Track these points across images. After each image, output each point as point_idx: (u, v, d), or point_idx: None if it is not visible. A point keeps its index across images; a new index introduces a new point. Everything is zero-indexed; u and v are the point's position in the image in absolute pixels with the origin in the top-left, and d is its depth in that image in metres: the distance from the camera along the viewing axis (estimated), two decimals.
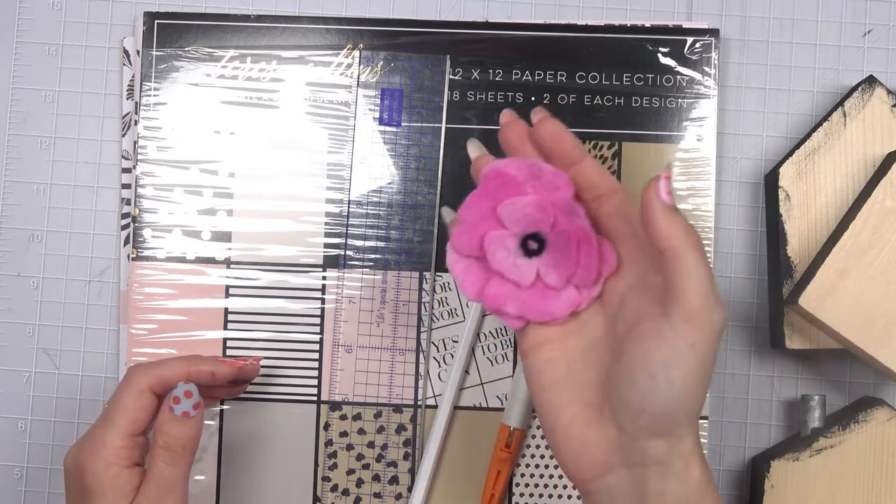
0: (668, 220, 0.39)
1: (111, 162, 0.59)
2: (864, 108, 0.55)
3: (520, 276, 0.44)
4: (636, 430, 0.40)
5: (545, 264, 0.44)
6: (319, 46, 0.57)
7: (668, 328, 0.39)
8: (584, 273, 0.43)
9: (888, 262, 0.52)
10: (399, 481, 0.56)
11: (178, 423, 0.48)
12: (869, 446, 0.54)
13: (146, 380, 0.49)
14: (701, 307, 0.39)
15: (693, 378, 0.39)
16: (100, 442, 0.48)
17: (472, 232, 0.44)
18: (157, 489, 0.47)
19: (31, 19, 0.59)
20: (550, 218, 0.43)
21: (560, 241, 0.43)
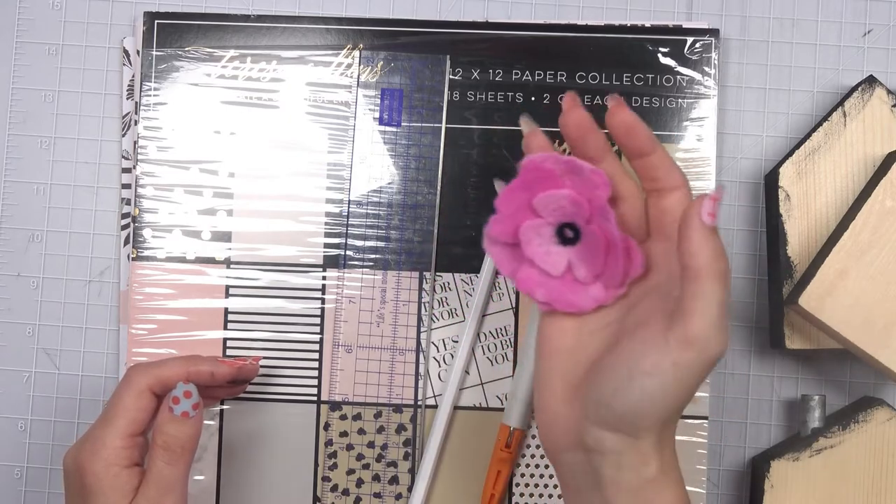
0: (701, 240, 0.39)
1: (111, 162, 0.59)
2: (864, 108, 0.55)
3: (551, 266, 0.44)
4: (598, 420, 0.41)
5: (577, 256, 0.44)
6: (319, 46, 0.57)
7: (663, 341, 0.39)
8: (611, 274, 0.43)
9: (888, 262, 0.52)
10: (399, 481, 0.56)
11: (178, 422, 0.47)
12: (869, 446, 0.54)
13: (146, 380, 0.49)
14: (702, 335, 0.39)
15: (669, 393, 0.40)
16: (99, 442, 0.47)
17: (507, 221, 0.44)
18: (156, 489, 0.47)
19: (31, 19, 0.59)
20: (586, 212, 0.43)
21: (591, 238, 0.43)
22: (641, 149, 0.43)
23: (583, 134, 0.44)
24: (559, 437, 0.43)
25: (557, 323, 0.44)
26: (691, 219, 0.40)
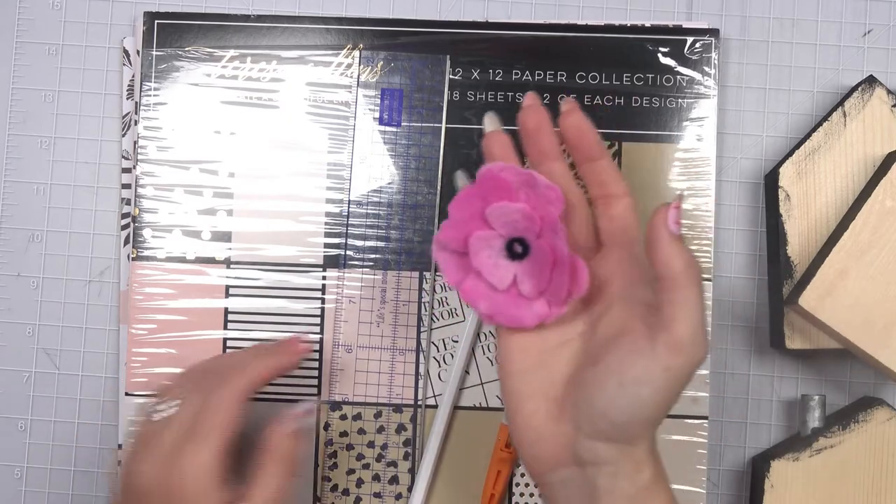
0: (671, 249, 0.40)
1: (111, 162, 0.59)
2: (864, 108, 0.55)
3: (497, 279, 0.44)
4: (593, 432, 0.41)
5: (523, 271, 0.44)
6: (319, 46, 0.57)
7: (650, 349, 0.40)
8: (555, 291, 0.44)
9: (888, 262, 0.52)
10: (399, 481, 0.56)
11: (291, 440, 0.46)
12: (869, 446, 0.54)
13: (241, 386, 0.47)
14: (688, 340, 0.40)
15: (660, 398, 0.40)
16: (192, 458, 0.45)
17: (458, 228, 0.44)
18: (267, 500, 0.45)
19: (31, 19, 0.59)
20: (537, 228, 0.43)
21: (539, 254, 0.44)
22: (590, 153, 0.44)
23: (538, 130, 0.45)
24: (548, 456, 0.43)
25: (517, 342, 0.45)
26: (659, 230, 0.40)
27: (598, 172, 0.45)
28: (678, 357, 0.40)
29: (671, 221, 0.41)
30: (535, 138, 0.45)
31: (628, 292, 0.43)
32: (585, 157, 0.45)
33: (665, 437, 0.55)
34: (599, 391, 0.41)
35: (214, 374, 0.48)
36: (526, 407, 0.44)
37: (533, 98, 0.45)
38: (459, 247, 0.45)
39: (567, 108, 0.45)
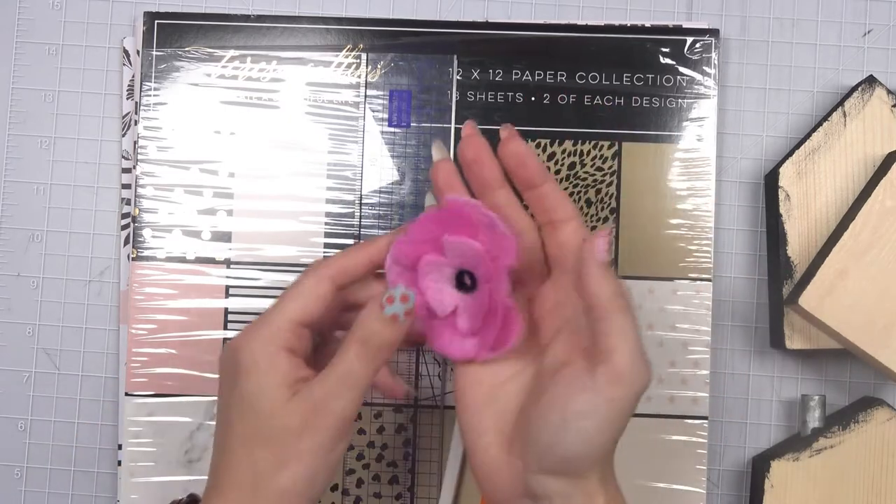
0: (598, 278, 0.40)
1: (111, 162, 0.59)
2: (864, 108, 0.55)
3: (439, 304, 0.45)
4: (541, 467, 0.41)
5: (464, 306, 0.45)
6: (319, 46, 0.57)
7: (591, 382, 0.40)
8: (485, 337, 0.45)
9: (888, 262, 0.52)
10: (399, 481, 0.56)
11: (383, 321, 0.42)
12: (869, 446, 0.54)
13: (327, 269, 0.45)
14: (628, 369, 0.40)
15: (605, 430, 0.40)
16: (263, 322, 0.43)
17: (413, 247, 0.45)
18: (337, 380, 0.42)
19: (31, 19, 0.59)
20: (486, 271, 0.44)
21: (480, 296, 0.45)
22: (532, 179, 0.44)
23: (477, 160, 0.45)
24: (503, 489, 0.43)
25: (470, 376, 0.45)
26: (586, 259, 0.41)
27: (543, 198, 0.45)
28: (619, 388, 0.40)
29: (599, 250, 0.41)
30: (475, 169, 0.45)
31: (575, 321, 0.43)
32: (527, 184, 0.45)
33: (665, 437, 0.56)
34: (544, 426, 0.41)
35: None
36: (481, 441, 0.44)
37: (471, 128, 0.46)
38: (410, 264, 0.45)
39: (505, 135, 0.45)
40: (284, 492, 0.42)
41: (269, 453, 0.42)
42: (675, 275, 0.56)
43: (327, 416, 0.42)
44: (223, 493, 0.43)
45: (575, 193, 0.57)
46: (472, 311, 0.45)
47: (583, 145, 0.57)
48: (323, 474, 0.43)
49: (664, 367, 0.56)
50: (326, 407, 0.42)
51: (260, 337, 0.43)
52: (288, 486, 0.42)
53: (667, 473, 0.55)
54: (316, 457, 0.42)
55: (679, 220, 0.56)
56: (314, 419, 0.42)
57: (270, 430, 0.42)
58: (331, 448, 0.42)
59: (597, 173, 0.57)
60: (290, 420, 0.42)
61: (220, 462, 0.43)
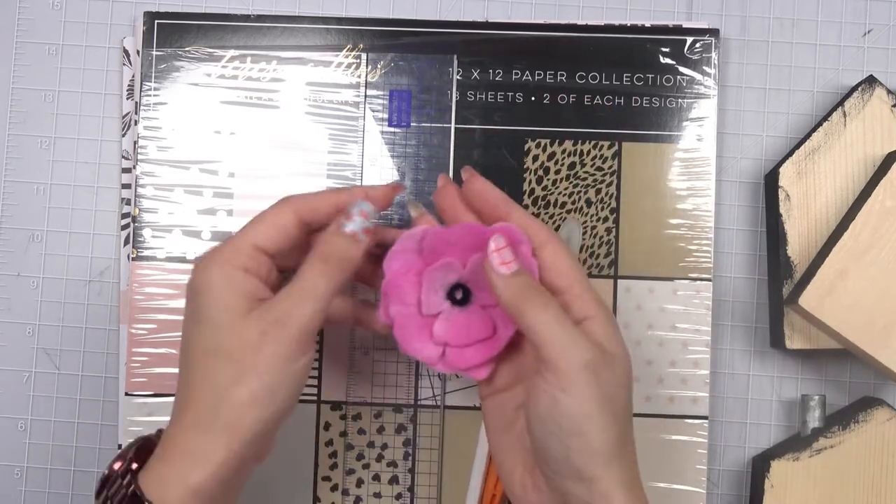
0: (504, 287, 0.43)
1: (111, 162, 0.59)
2: (864, 108, 0.55)
3: (427, 302, 0.47)
4: (551, 474, 0.42)
5: (448, 317, 0.47)
6: (319, 46, 0.57)
7: (541, 380, 0.42)
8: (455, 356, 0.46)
9: (888, 262, 0.52)
10: (399, 481, 0.56)
11: (343, 237, 0.44)
12: (869, 446, 0.54)
13: (294, 201, 0.46)
14: (556, 356, 0.41)
15: (580, 420, 0.41)
16: (222, 246, 0.44)
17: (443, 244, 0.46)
18: (298, 293, 0.43)
19: (31, 19, 0.59)
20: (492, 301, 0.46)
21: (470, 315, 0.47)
22: (497, 213, 0.46)
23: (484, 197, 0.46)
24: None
25: (493, 402, 0.47)
26: (489, 274, 0.43)
27: None
28: (562, 374, 0.41)
29: (496, 265, 0.43)
30: (451, 215, 0.47)
31: None
32: (495, 218, 0.46)
33: (665, 437, 0.56)
34: (533, 436, 0.43)
35: None
36: (507, 462, 0.45)
37: (444, 180, 0.47)
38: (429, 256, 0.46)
39: (466, 176, 0.47)
40: (243, 404, 0.42)
41: (228, 366, 0.42)
42: (675, 275, 0.56)
43: (287, 326, 0.42)
44: (186, 409, 0.43)
45: (575, 193, 0.57)
46: (457, 324, 0.47)
47: (583, 145, 0.57)
48: (284, 388, 0.43)
49: (664, 367, 0.56)
50: (287, 317, 0.42)
51: (217, 258, 0.44)
52: (246, 398, 0.42)
53: (667, 473, 0.55)
54: (275, 369, 0.42)
55: (679, 220, 0.56)
56: (273, 330, 0.42)
57: (229, 343, 0.42)
58: (290, 358, 0.42)
59: (597, 173, 0.57)
60: (248, 333, 0.42)
61: (182, 381, 0.44)
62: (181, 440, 0.42)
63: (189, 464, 0.42)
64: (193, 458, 0.42)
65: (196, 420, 0.42)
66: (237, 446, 0.42)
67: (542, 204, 0.57)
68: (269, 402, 0.42)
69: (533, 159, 0.57)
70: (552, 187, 0.57)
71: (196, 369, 0.43)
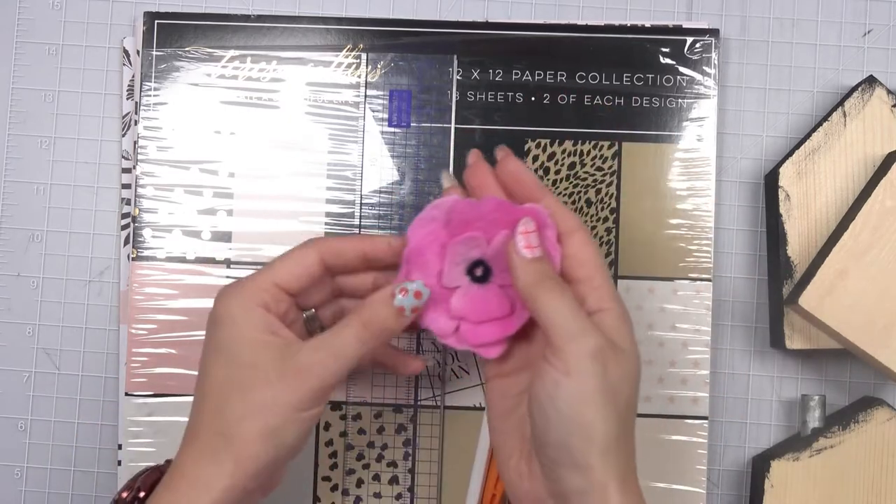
0: (522, 269, 0.43)
1: (111, 162, 0.59)
2: (864, 108, 0.55)
3: (449, 274, 0.46)
4: (548, 461, 0.43)
5: (466, 292, 0.46)
6: (319, 46, 0.57)
7: (546, 364, 0.42)
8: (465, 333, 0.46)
9: (888, 262, 0.52)
10: (399, 481, 0.56)
11: (390, 309, 0.44)
12: (869, 446, 0.54)
13: (320, 244, 0.46)
14: (564, 341, 0.41)
15: (580, 405, 0.41)
16: (244, 280, 0.45)
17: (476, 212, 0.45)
18: (329, 351, 0.43)
19: (31, 19, 0.59)
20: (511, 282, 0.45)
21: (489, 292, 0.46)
22: (531, 195, 0.46)
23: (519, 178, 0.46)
24: (528, 493, 0.44)
25: (497, 389, 0.47)
26: (511, 256, 0.44)
27: None
28: (568, 357, 0.41)
29: (521, 247, 0.43)
30: (482, 193, 0.47)
31: None
32: (528, 200, 0.46)
33: (665, 437, 0.56)
34: (532, 421, 0.43)
35: None
36: (506, 448, 0.46)
37: (476, 156, 0.47)
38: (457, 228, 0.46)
39: (501, 155, 0.47)
40: (250, 439, 0.42)
41: (240, 400, 0.43)
42: (675, 275, 0.56)
43: (309, 379, 0.43)
44: (196, 437, 0.44)
45: (575, 193, 0.57)
46: (472, 298, 0.46)
47: (583, 145, 0.57)
48: (293, 432, 0.43)
49: (664, 367, 0.56)
50: (311, 370, 0.43)
51: (238, 293, 0.45)
52: (255, 434, 0.42)
53: (667, 473, 0.55)
54: (285, 412, 0.43)
55: (679, 220, 0.56)
56: (294, 379, 0.43)
57: (247, 379, 0.43)
58: (302, 408, 0.43)
59: (597, 173, 0.57)
60: (268, 373, 0.43)
61: (195, 409, 0.44)
62: (189, 469, 0.43)
63: (195, 493, 0.42)
64: (198, 488, 0.42)
65: (203, 450, 0.43)
66: (242, 478, 0.42)
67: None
68: (278, 442, 0.43)
69: (533, 159, 0.57)
70: (552, 187, 0.57)
71: (209, 399, 0.44)
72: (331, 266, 0.46)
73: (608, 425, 0.41)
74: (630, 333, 0.44)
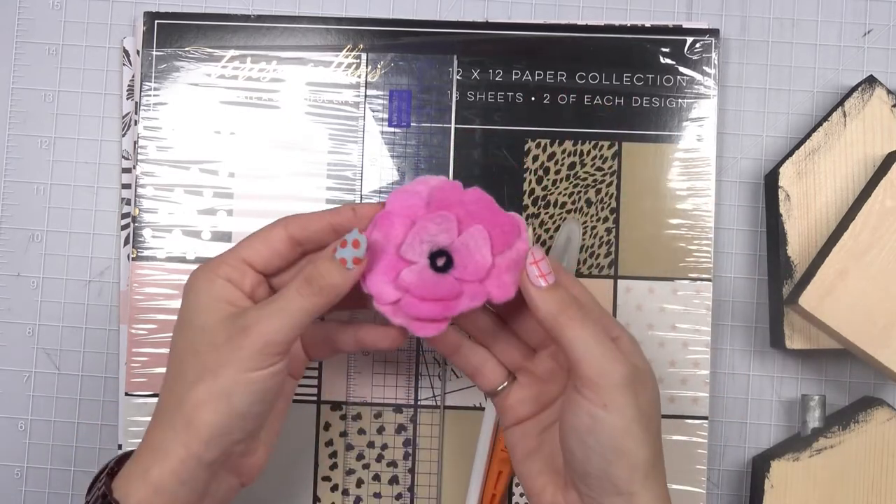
0: (542, 300, 0.43)
1: (111, 162, 0.59)
2: (864, 108, 0.55)
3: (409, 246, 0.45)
4: (589, 491, 0.43)
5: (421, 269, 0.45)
6: (319, 46, 0.57)
7: (579, 397, 0.42)
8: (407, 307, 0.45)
9: (888, 262, 0.52)
10: (399, 481, 0.56)
11: (331, 264, 0.43)
12: (869, 446, 0.54)
13: (287, 221, 0.46)
14: (596, 373, 0.42)
15: (620, 436, 0.42)
16: (213, 259, 0.45)
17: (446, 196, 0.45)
18: (270, 308, 0.43)
19: (31, 19, 0.59)
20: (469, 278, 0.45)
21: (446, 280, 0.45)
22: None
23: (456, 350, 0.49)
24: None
25: (517, 433, 0.47)
26: (527, 287, 0.43)
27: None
28: (602, 391, 0.41)
29: (534, 278, 0.43)
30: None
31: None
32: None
33: (665, 437, 0.55)
34: (570, 453, 0.43)
35: None
36: (537, 485, 0.46)
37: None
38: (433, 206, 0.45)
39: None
40: (198, 403, 0.42)
41: (195, 366, 0.43)
42: (675, 275, 0.56)
43: (250, 334, 0.42)
44: (161, 406, 0.44)
45: (575, 193, 0.57)
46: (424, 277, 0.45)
47: (583, 145, 0.57)
48: (241, 395, 0.42)
49: (664, 367, 0.56)
50: (252, 326, 0.42)
51: (205, 267, 0.45)
52: (202, 397, 0.42)
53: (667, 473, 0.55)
54: (233, 374, 0.42)
55: (679, 220, 0.56)
56: (237, 337, 0.42)
57: (199, 343, 0.43)
58: (249, 367, 0.42)
59: (597, 173, 0.57)
60: (216, 336, 0.43)
61: (163, 380, 0.45)
62: (148, 437, 0.43)
63: (150, 459, 0.42)
64: (154, 454, 0.42)
65: (163, 418, 0.43)
66: (195, 446, 0.42)
67: (542, 204, 0.57)
68: (224, 406, 0.42)
69: (533, 159, 0.57)
70: (552, 187, 0.57)
71: (171, 367, 0.44)
72: (300, 240, 0.46)
73: (646, 450, 0.42)
74: (643, 355, 0.45)
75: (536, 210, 0.57)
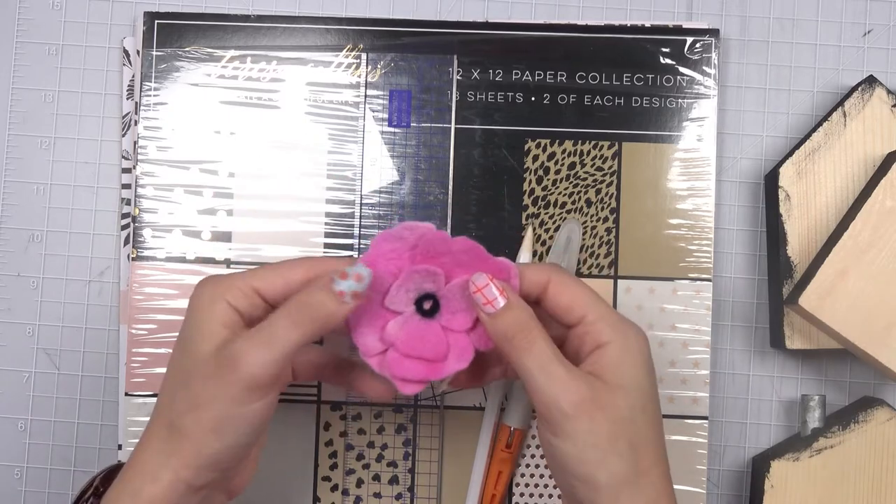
0: (491, 328, 0.43)
1: (111, 162, 0.59)
2: (864, 108, 0.55)
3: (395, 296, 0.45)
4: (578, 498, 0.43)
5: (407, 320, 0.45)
6: (319, 46, 0.57)
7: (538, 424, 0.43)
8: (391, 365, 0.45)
9: (888, 262, 0.52)
10: (399, 481, 0.56)
11: (327, 293, 0.41)
12: (869, 446, 0.54)
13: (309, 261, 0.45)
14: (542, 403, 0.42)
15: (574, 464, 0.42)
16: (224, 276, 0.44)
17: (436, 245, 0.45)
18: (258, 339, 0.41)
19: (31, 19, 0.59)
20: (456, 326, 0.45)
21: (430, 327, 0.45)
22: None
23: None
24: None
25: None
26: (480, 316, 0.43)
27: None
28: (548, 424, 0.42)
29: (482, 304, 0.43)
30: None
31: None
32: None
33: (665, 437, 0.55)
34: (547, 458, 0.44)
35: None
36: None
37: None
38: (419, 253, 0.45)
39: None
40: (191, 433, 0.42)
41: (186, 392, 0.42)
42: (675, 275, 0.56)
43: (237, 369, 0.41)
44: (152, 426, 0.44)
45: (575, 193, 0.57)
46: (410, 329, 0.45)
47: (583, 145, 0.57)
48: (233, 428, 0.42)
49: (664, 367, 0.56)
50: (239, 359, 0.41)
51: (212, 285, 0.44)
52: (191, 429, 0.42)
53: None
54: (221, 407, 0.41)
55: (679, 220, 0.56)
56: (225, 370, 0.41)
57: (191, 373, 0.42)
58: (238, 401, 0.41)
59: (597, 173, 0.57)
60: (208, 367, 0.42)
61: (158, 397, 0.45)
62: (137, 459, 0.43)
63: (139, 480, 0.42)
64: (144, 477, 0.42)
65: (153, 440, 0.43)
66: (185, 472, 0.42)
67: (542, 204, 0.57)
68: (213, 440, 0.42)
69: (533, 159, 0.57)
70: (552, 187, 0.57)
71: (164, 391, 0.44)
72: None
73: (612, 470, 0.41)
74: (634, 364, 0.43)
75: (536, 210, 0.57)
